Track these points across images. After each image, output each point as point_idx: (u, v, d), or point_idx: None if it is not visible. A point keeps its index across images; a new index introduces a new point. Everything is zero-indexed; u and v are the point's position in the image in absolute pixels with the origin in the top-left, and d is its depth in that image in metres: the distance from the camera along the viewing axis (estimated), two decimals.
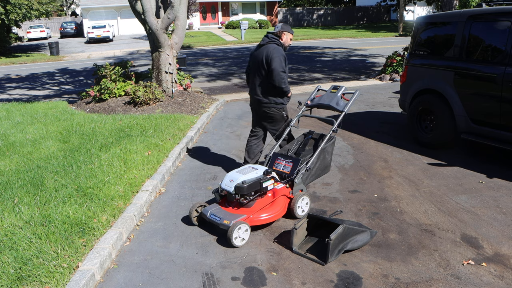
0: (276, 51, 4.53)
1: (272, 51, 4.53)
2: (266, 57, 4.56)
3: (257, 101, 4.81)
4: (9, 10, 24.02)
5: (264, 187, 3.91)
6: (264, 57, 4.57)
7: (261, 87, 4.72)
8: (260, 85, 4.72)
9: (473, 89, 5.36)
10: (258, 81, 4.72)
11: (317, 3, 52.74)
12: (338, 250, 3.38)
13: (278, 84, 4.54)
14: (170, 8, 9.00)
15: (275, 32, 4.71)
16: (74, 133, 6.89)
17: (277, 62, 4.48)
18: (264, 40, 4.69)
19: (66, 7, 50.62)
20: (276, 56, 4.49)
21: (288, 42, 4.74)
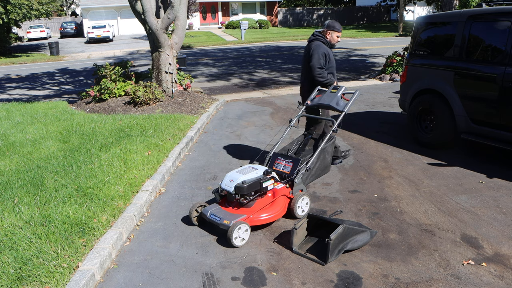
0: (316, 48, 4.99)
1: (313, 48, 5.02)
2: (308, 53, 5.10)
3: (304, 92, 5.30)
4: (9, 10, 24.02)
5: (264, 187, 3.91)
6: (307, 54, 5.12)
7: (307, 80, 5.22)
8: (306, 78, 5.24)
9: (473, 89, 5.36)
10: (305, 74, 5.25)
11: (317, 3, 52.73)
12: (338, 250, 3.38)
13: (316, 78, 5.01)
14: (170, 8, 9.00)
15: (321, 30, 5.15)
16: (74, 133, 6.89)
17: (315, 59, 4.96)
18: (310, 38, 5.19)
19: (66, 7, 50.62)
20: (315, 53, 4.97)
21: (334, 39, 5.12)
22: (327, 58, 5.08)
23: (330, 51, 5.14)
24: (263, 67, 16.68)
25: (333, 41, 5.13)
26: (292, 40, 30.61)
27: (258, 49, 25.00)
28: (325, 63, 5.07)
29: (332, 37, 5.12)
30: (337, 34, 5.14)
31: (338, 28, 5.14)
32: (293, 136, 6.68)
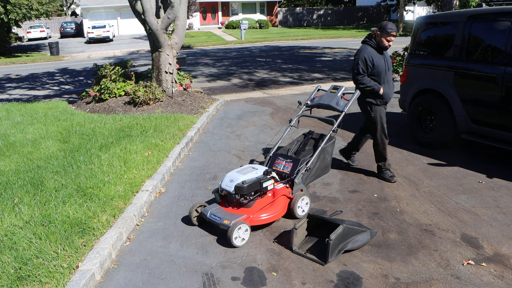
0: (358, 53, 4.80)
1: (356, 52, 4.86)
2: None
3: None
4: (9, 10, 24.02)
5: (264, 187, 3.91)
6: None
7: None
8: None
9: (473, 89, 5.36)
10: None
11: (317, 3, 52.73)
12: (338, 250, 3.38)
13: (355, 84, 4.84)
14: (170, 8, 9.00)
15: (370, 32, 4.89)
16: (74, 133, 6.89)
17: (354, 64, 4.82)
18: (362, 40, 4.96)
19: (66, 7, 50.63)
20: (355, 58, 4.82)
21: (384, 42, 4.71)
22: (370, 62, 4.71)
23: (377, 54, 4.74)
24: (263, 67, 16.68)
25: (382, 44, 4.70)
26: (292, 40, 30.61)
27: (258, 49, 25.00)
28: (366, 68, 4.73)
29: (381, 39, 4.70)
30: (387, 37, 4.66)
31: (388, 30, 4.65)
32: (293, 136, 6.68)
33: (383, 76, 4.79)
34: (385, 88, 4.84)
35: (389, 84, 4.90)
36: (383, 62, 4.79)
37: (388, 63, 4.86)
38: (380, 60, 4.78)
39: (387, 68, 4.83)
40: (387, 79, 4.84)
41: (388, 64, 4.86)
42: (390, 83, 4.93)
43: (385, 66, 4.80)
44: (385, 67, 4.80)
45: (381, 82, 4.81)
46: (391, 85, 4.94)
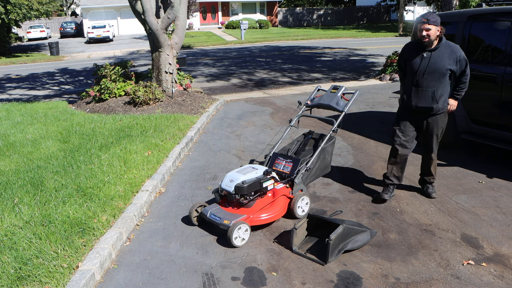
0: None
1: None
2: None
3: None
4: (9, 10, 24.02)
5: (264, 187, 3.91)
6: None
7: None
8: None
9: (473, 89, 5.34)
10: None
11: (317, 3, 52.75)
12: (338, 250, 3.38)
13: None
14: (170, 8, 9.00)
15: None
16: (74, 133, 6.89)
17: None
18: None
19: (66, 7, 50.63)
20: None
21: (418, 34, 4.00)
22: (402, 58, 4.25)
23: (413, 50, 4.12)
24: (263, 67, 16.68)
25: (418, 35, 3.99)
26: (292, 40, 30.61)
27: (258, 49, 25.00)
28: (403, 66, 4.26)
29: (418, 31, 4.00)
30: (420, 25, 3.93)
31: (421, 18, 4.00)
32: (293, 136, 6.68)
33: (415, 78, 4.10)
34: (412, 92, 4.14)
35: (421, 90, 4.08)
36: (418, 60, 4.06)
37: (431, 64, 3.98)
38: (413, 56, 4.11)
39: (424, 69, 4.00)
40: (420, 83, 4.06)
41: (429, 65, 3.98)
42: (423, 92, 4.06)
43: (419, 66, 4.04)
44: (418, 67, 4.04)
45: (412, 84, 4.15)
46: (423, 94, 4.07)
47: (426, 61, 4.01)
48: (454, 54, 3.98)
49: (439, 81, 4.02)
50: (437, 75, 4.00)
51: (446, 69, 3.98)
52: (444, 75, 4.01)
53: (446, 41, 4.03)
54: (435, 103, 4.07)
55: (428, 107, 4.10)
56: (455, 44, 4.05)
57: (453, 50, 4.00)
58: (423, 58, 4.03)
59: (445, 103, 4.16)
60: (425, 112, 4.15)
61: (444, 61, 3.97)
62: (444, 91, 4.08)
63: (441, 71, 3.99)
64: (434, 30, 3.90)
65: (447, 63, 3.97)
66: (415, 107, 4.14)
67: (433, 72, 4.00)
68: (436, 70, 3.99)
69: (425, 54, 4.03)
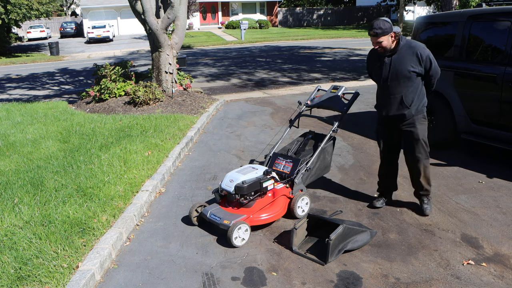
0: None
1: None
2: None
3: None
4: (9, 10, 24.02)
5: (264, 187, 3.91)
6: None
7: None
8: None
9: (473, 89, 5.36)
10: None
11: (317, 3, 52.75)
12: (338, 250, 3.38)
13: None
14: (170, 8, 9.00)
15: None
16: (74, 133, 6.89)
17: None
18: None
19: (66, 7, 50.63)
20: None
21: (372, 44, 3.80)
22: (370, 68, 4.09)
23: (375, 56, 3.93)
24: (263, 67, 16.68)
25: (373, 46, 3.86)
26: (292, 40, 30.60)
27: (258, 49, 25.00)
28: (369, 72, 4.16)
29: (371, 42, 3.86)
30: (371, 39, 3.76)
31: (368, 30, 3.75)
32: (293, 136, 6.68)
33: (382, 85, 3.96)
34: (382, 101, 4.01)
35: (389, 98, 3.89)
36: (380, 67, 3.87)
37: (392, 69, 3.79)
38: (375, 63, 3.94)
39: (387, 75, 3.84)
40: (387, 91, 3.90)
41: (392, 71, 3.80)
42: (392, 99, 3.87)
43: (381, 73, 3.88)
44: (382, 74, 3.88)
45: (381, 92, 4.03)
46: (392, 101, 3.88)
47: (388, 67, 3.81)
48: (415, 54, 3.73)
49: (405, 85, 3.80)
50: (402, 80, 3.78)
51: (409, 72, 3.74)
52: (409, 79, 3.77)
53: (406, 41, 3.78)
54: (406, 109, 3.85)
55: (399, 114, 3.88)
56: (418, 42, 3.80)
57: (414, 50, 3.73)
58: (384, 64, 3.83)
59: (421, 107, 3.91)
60: (399, 120, 3.93)
61: (406, 63, 3.74)
62: (415, 95, 3.84)
63: (405, 74, 3.76)
64: (386, 39, 3.69)
65: (409, 65, 3.73)
66: (387, 116, 3.96)
67: (396, 77, 3.79)
68: (399, 74, 3.77)
69: (386, 59, 3.82)
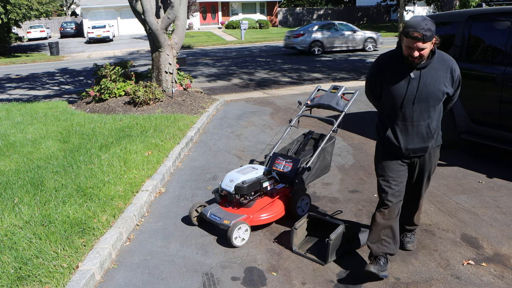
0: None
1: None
2: None
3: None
4: (9, 10, 24.02)
5: (264, 187, 3.91)
6: None
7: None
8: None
9: (473, 89, 5.36)
10: None
11: (317, 3, 52.75)
12: (338, 250, 3.38)
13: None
14: (170, 8, 9.00)
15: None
16: (74, 133, 6.89)
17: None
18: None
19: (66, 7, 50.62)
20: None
21: (405, 50, 2.80)
22: (376, 78, 3.08)
23: (397, 68, 2.92)
24: (263, 67, 16.68)
25: (405, 52, 2.81)
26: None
27: (258, 49, 25.00)
28: (370, 85, 3.18)
29: (403, 46, 2.82)
30: (408, 41, 2.74)
31: (410, 29, 2.69)
32: (293, 136, 6.68)
33: (400, 108, 2.94)
34: (398, 129, 3.00)
35: (410, 126, 2.96)
36: (403, 83, 2.89)
37: (422, 88, 2.86)
38: (394, 77, 2.93)
39: (413, 96, 2.88)
40: (408, 116, 2.94)
41: (420, 90, 2.86)
42: (415, 127, 2.95)
43: (405, 92, 2.88)
44: (405, 94, 2.89)
45: (395, 116, 2.99)
46: (414, 130, 2.96)
47: (415, 84, 2.87)
48: (450, 70, 2.92)
49: (433, 110, 2.94)
50: (431, 103, 2.91)
51: (442, 93, 2.91)
52: (440, 101, 2.95)
53: (438, 52, 2.92)
54: (431, 139, 3.01)
55: (423, 147, 3.02)
56: (448, 55, 3.01)
57: (448, 65, 2.92)
58: (410, 81, 2.88)
59: (440, 135, 3.13)
60: (417, 154, 3.08)
61: (439, 81, 2.88)
62: (439, 121, 3.08)
63: (437, 96, 2.90)
64: (429, 46, 2.77)
65: (443, 84, 2.90)
66: (405, 150, 3.01)
67: (426, 99, 2.89)
68: (430, 95, 2.89)
69: (413, 74, 2.87)
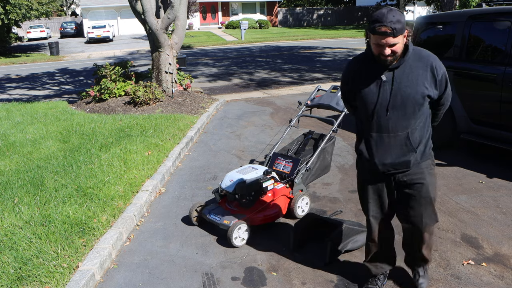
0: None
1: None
2: None
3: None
4: (9, 10, 24.01)
5: (264, 187, 3.91)
6: None
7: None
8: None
9: (473, 89, 5.36)
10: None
11: (317, 3, 52.74)
12: (338, 250, 3.38)
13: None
14: (170, 8, 9.00)
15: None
16: (74, 133, 6.89)
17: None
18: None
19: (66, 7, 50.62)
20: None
21: (374, 49, 2.38)
22: (347, 83, 2.66)
23: (367, 70, 2.50)
24: (263, 67, 16.68)
25: (375, 51, 2.39)
26: (292, 40, 30.60)
27: (258, 49, 25.00)
28: (344, 93, 2.77)
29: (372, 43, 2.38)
30: (376, 38, 2.32)
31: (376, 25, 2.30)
32: (293, 136, 6.68)
33: (373, 117, 2.51)
34: (372, 141, 2.56)
35: (386, 137, 2.51)
36: (374, 88, 2.47)
37: (395, 91, 2.43)
38: (365, 81, 2.51)
39: (386, 101, 2.45)
40: (383, 126, 2.50)
41: (394, 93, 2.43)
42: (391, 138, 2.50)
43: (376, 97, 2.47)
44: (375, 99, 2.47)
45: (369, 127, 2.57)
46: (390, 142, 2.51)
47: (388, 88, 2.44)
48: (429, 68, 2.46)
49: (413, 117, 2.46)
50: (409, 109, 2.45)
51: (423, 97, 2.44)
52: (420, 106, 2.46)
53: (414, 48, 2.49)
54: (412, 152, 2.51)
55: (402, 162, 2.53)
56: (427, 50, 2.54)
57: (427, 61, 2.47)
58: (382, 84, 2.45)
59: (428, 148, 2.62)
60: (398, 170, 2.59)
61: (418, 82, 2.43)
62: (424, 132, 2.55)
63: (415, 100, 2.43)
64: (402, 40, 2.36)
65: (423, 86, 2.44)
66: (382, 166, 2.57)
67: (402, 104, 2.44)
68: (406, 100, 2.43)
69: (384, 76, 2.44)
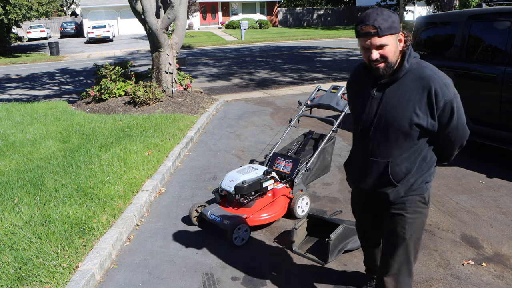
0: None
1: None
2: None
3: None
4: (9, 10, 24.01)
5: (264, 187, 3.91)
6: None
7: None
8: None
9: (473, 89, 5.36)
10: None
11: (317, 3, 52.74)
12: (338, 250, 3.38)
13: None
14: (170, 8, 9.00)
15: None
16: (74, 133, 6.89)
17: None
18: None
19: (66, 7, 50.62)
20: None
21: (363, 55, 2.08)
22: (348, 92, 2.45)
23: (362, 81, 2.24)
24: (263, 67, 16.68)
25: (364, 58, 2.10)
26: (292, 40, 30.60)
27: (258, 49, 25.00)
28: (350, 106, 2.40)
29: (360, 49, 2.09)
30: (361, 42, 2.03)
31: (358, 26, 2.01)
32: (293, 136, 6.68)
33: (357, 131, 2.26)
34: (356, 160, 2.35)
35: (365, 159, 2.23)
36: (364, 104, 2.20)
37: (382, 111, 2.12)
38: (358, 92, 2.28)
39: (370, 120, 2.16)
40: (366, 146, 2.22)
41: (380, 114, 2.12)
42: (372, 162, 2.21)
43: (361, 112, 2.21)
44: (361, 114, 2.22)
45: (355, 140, 2.37)
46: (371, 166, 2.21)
47: (375, 106, 2.14)
48: (426, 92, 2.05)
49: (396, 146, 2.13)
50: (392, 135, 2.11)
51: (410, 124, 2.06)
52: (406, 135, 2.10)
53: (417, 63, 2.17)
54: (390, 186, 2.18)
55: (379, 192, 2.23)
56: (435, 69, 2.17)
57: (426, 84, 2.06)
58: (371, 100, 2.16)
59: (420, 183, 2.19)
60: (378, 199, 2.28)
61: (407, 106, 2.06)
62: (413, 165, 2.16)
63: (399, 126, 2.08)
64: (392, 42, 2.03)
65: (413, 112, 2.05)
66: (360, 188, 2.34)
67: (384, 128, 2.13)
68: (389, 124, 2.11)
69: (375, 91, 2.15)
